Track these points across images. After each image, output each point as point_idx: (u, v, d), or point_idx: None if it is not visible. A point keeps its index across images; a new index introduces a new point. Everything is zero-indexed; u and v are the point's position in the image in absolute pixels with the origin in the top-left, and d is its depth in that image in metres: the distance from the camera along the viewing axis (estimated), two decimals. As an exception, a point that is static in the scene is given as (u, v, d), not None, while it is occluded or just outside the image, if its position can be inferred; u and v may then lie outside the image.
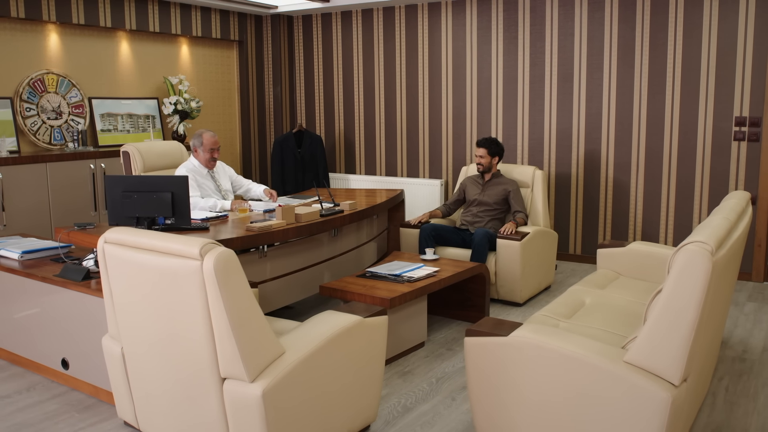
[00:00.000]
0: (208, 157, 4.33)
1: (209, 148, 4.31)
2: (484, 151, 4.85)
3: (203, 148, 4.30)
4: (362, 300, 3.40)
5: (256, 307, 2.25)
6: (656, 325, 2.19)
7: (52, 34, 5.29)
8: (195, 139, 4.35)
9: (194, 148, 4.35)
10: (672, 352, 2.16)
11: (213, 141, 4.32)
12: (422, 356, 3.62)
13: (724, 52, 4.95)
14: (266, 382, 2.20)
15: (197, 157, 4.35)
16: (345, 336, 2.50)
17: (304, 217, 3.79)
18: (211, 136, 4.32)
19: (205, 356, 2.26)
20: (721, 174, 5.09)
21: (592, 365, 2.26)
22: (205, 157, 4.32)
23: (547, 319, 3.02)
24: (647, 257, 3.82)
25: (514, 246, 4.40)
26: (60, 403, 3.08)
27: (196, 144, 4.34)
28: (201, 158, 4.33)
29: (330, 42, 6.82)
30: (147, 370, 2.52)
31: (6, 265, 3.49)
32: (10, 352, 3.57)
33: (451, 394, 3.14)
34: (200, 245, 2.16)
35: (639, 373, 2.19)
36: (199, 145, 4.31)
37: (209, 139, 4.31)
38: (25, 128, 5.10)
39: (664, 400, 2.14)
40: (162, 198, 3.22)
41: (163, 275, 2.28)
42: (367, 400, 2.68)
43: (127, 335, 2.56)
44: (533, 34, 5.70)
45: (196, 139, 4.34)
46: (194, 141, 4.35)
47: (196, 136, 4.35)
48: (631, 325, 2.97)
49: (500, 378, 2.45)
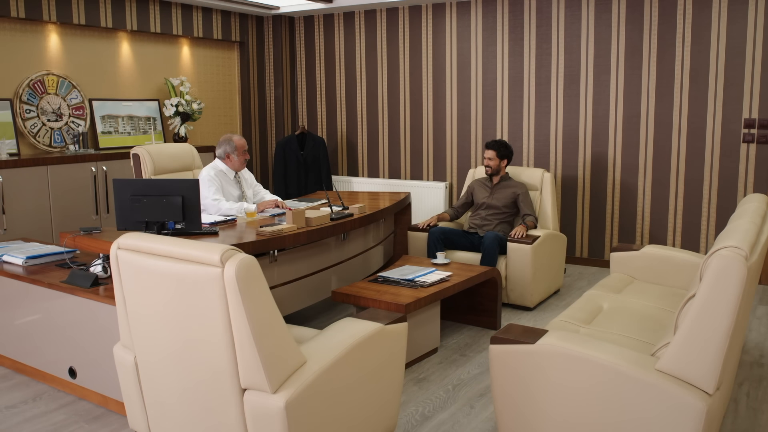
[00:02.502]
0: (242, 160, 4.37)
1: (243, 150, 4.36)
2: (492, 153, 4.79)
3: (237, 152, 4.33)
4: (376, 306, 3.33)
5: (277, 315, 2.18)
6: (690, 332, 2.14)
7: (52, 34, 5.19)
8: (226, 145, 4.32)
9: (227, 154, 4.34)
10: (707, 360, 2.11)
11: (243, 143, 4.39)
12: (436, 362, 3.55)
13: (732, 53, 4.92)
14: (289, 392, 2.12)
15: (230, 163, 4.35)
16: (366, 344, 2.43)
17: (315, 221, 3.72)
18: (240, 138, 4.37)
19: (225, 366, 2.18)
20: (729, 177, 5.05)
21: (623, 373, 2.20)
22: (240, 160, 4.36)
23: (567, 325, 2.97)
24: (662, 261, 3.77)
25: (525, 249, 4.34)
26: (68, 413, 2.99)
27: (228, 150, 4.33)
28: (235, 162, 4.35)
29: (332, 43, 6.75)
30: (161, 380, 2.44)
31: (10, 270, 3.40)
32: (13, 360, 3.47)
33: (469, 401, 3.08)
34: (221, 252, 2.09)
35: (672, 382, 2.14)
36: (232, 150, 4.32)
37: (240, 141, 4.35)
38: (25, 130, 5.00)
39: (700, 409, 2.09)
40: (172, 202, 3.13)
41: (181, 282, 2.20)
42: (388, 408, 2.62)
43: (141, 344, 2.48)
44: (539, 35, 5.65)
45: (227, 144, 4.32)
46: (225, 147, 4.33)
47: (225, 142, 4.33)
48: (653, 330, 2.91)
49: (527, 386, 2.39)
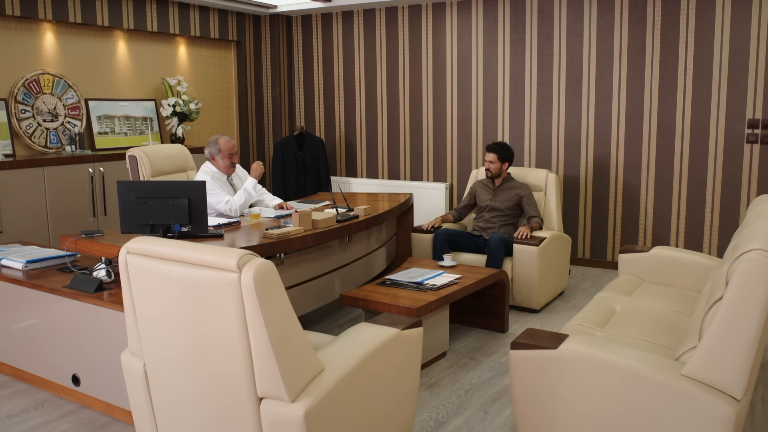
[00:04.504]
0: (227, 164, 4.16)
1: (228, 153, 4.15)
2: (494, 156, 4.72)
3: (221, 155, 4.13)
4: (386, 310, 3.27)
5: (295, 321, 2.11)
6: (717, 336, 2.10)
7: (47, 33, 5.09)
8: (211, 146, 4.16)
9: (211, 156, 4.16)
10: (734, 365, 2.07)
11: (230, 145, 4.16)
12: (446, 366, 3.50)
13: (736, 53, 4.90)
14: (308, 401, 2.06)
15: (216, 165, 4.17)
16: (383, 350, 2.38)
17: (321, 223, 3.65)
18: (227, 141, 4.15)
19: (241, 374, 2.11)
20: (733, 177, 5.03)
21: (648, 378, 2.16)
22: (225, 163, 4.15)
23: (582, 329, 2.92)
24: (671, 262, 3.74)
25: (531, 251, 4.30)
26: (72, 422, 2.91)
27: (213, 152, 4.15)
28: (220, 165, 4.16)
29: (330, 42, 6.69)
30: (172, 389, 2.36)
31: (9, 275, 3.31)
32: (13, 367, 3.38)
33: (482, 407, 3.02)
34: (237, 256, 2.02)
35: (700, 388, 2.10)
36: (217, 152, 4.14)
37: (226, 144, 4.14)
38: (20, 131, 4.89)
39: (728, 415, 2.05)
40: (179, 204, 3.05)
41: (195, 288, 2.13)
42: (403, 415, 2.56)
43: (151, 351, 2.40)
44: (541, 35, 5.61)
45: (212, 146, 4.15)
46: (210, 149, 4.16)
47: (211, 143, 4.16)
48: (668, 333, 2.87)
49: (548, 392, 2.34)
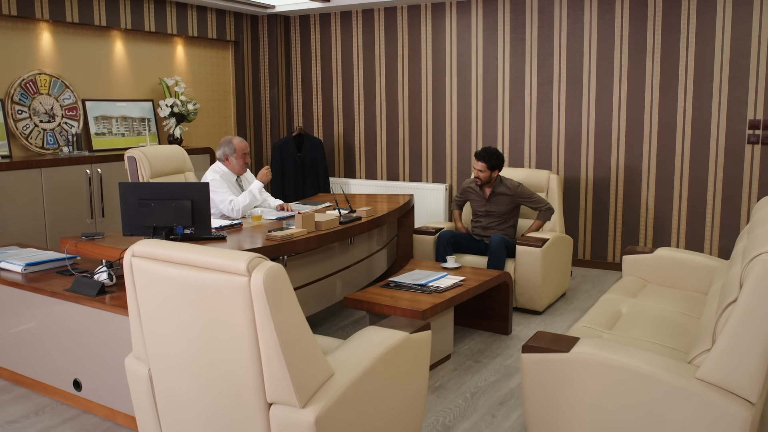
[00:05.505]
0: (241, 164, 4.19)
1: (242, 153, 4.18)
2: (483, 165, 4.54)
3: (236, 155, 4.16)
4: (392, 312, 3.24)
5: (305, 325, 2.08)
6: (731, 339, 2.07)
7: (44, 32, 5.03)
8: (225, 146, 4.17)
9: (225, 156, 4.18)
10: (750, 368, 2.05)
11: (244, 145, 4.20)
12: (450, 369, 3.47)
13: (737, 53, 4.90)
14: (318, 407, 2.03)
15: (229, 165, 4.19)
16: (393, 354, 2.35)
17: (325, 225, 3.62)
18: (240, 141, 4.18)
19: (250, 379, 2.08)
20: (734, 178, 5.03)
21: (663, 382, 2.14)
22: (239, 163, 4.18)
23: (590, 331, 2.90)
24: (675, 264, 3.72)
25: (534, 252, 4.27)
26: (74, 428, 2.86)
27: (227, 152, 4.17)
28: (234, 165, 4.18)
29: (329, 43, 6.65)
30: (179, 394, 2.32)
31: (8, 278, 3.26)
32: (12, 372, 3.33)
33: (489, 410, 3.00)
34: (247, 260, 1.98)
35: (714, 391, 2.08)
36: (231, 152, 4.16)
37: (240, 143, 4.17)
38: (17, 131, 4.83)
39: (744, 419, 2.03)
40: (182, 206, 3.01)
41: (203, 292, 2.10)
42: (412, 419, 2.53)
43: (156, 356, 2.36)
44: (541, 35, 5.59)
45: (226, 146, 4.16)
46: (224, 149, 4.17)
47: (225, 143, 4.17)
48: (676, 335, 2.86)
49: (561, 396, 2.31)
